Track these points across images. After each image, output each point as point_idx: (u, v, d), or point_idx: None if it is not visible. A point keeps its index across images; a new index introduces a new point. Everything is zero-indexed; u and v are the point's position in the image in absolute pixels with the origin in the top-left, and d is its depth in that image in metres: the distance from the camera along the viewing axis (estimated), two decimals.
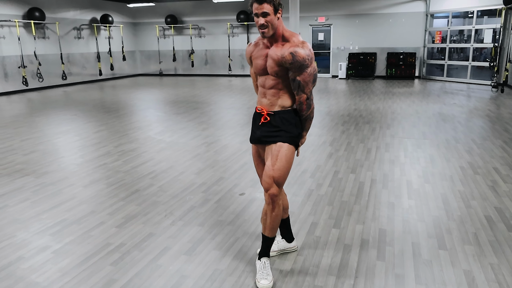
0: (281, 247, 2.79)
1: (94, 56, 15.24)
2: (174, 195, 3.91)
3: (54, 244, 2.98)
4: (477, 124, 6.75)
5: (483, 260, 2.64)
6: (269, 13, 2.17)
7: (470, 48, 12.58)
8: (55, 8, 13.47)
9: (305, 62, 2.19)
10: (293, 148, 2.40)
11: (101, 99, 10.79)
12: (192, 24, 16.70)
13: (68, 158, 5.24)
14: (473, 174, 4.31)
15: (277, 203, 2.39)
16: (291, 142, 2.37)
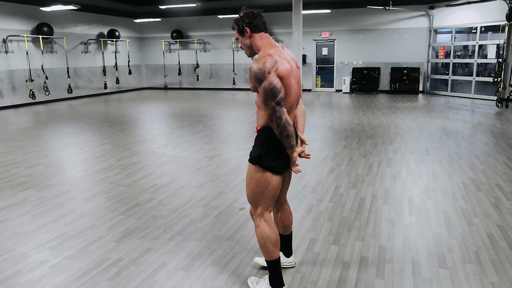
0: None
1: (100, 70, 15.42)
2: (174, 209, 3.91)
3: (52, 258, 2.98)
4: (481, 140, 6.71)
5: (484, 280, 2.60)
6: (238, 37, 2.35)
7: (474, 63, 12.59)
8: (63, 23, 13.70)
9: (257, 77, 2.14)
10: (255, 168, 2.33)
11: (106, 112, 10.88)
12: (197, 39, 16.89)
13: (71, 172, 5.27)
14: (476, 191, 4.27)
15: (255, 223, 2.41)
16: (251, 161, 2.35)
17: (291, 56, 2.33)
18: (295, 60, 2.35)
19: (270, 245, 2.37)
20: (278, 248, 2.41)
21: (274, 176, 2.33)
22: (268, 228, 2.38)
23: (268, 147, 2.28)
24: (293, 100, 2.30)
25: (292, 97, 2.27)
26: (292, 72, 2.23)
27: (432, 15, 13.64)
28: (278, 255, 2.41)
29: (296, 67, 2.31)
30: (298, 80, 2.31)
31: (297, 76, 2.30)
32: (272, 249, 2.38)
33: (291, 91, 2.23)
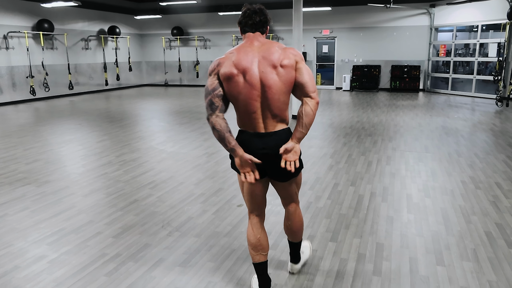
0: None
1: (100, 66, 15.40)
2: (172, 206, 3.91)
3: (50, 253, 2.98)
4: (481, 138, 6.70)
5: (482, 278, 2.61)
6: None
7: (475, 62, 12.56)
8: (64, 20, 13.68)
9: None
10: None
11: (106, 109, 10.88)
12: (197, 36, 16.86)
13: (70, 167, 5.27)
14: (475, 189, 4.27)
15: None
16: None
17: (265, 55, 2.09)
18: (271, 60, 2.08)
19: (250, 248, 2.39)
20: (259, 253, 2.36)
21: (239, 175, 2.31)
22: (249, 230, 2.39)
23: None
24: (247, 104, 2.12)
25: (242, 101, 2.13)
26: (239, 76, 2.08)
27: (433, 13, 13.60)
28: (258, 259, 2.37)
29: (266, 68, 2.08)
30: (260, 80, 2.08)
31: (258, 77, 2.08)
32: (252, 252, 2.38)
33: (238, 94, 2.11)
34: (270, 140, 2.18)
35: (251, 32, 2.23)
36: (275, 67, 2.09)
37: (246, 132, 2.24)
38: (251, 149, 2.19)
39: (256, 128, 2.20)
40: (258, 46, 2.17)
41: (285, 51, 2.14)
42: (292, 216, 2.49)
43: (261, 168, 2.23)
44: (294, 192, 2.42)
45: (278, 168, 2.20)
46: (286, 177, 2.28)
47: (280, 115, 2.18)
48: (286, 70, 2.10)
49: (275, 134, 2.19)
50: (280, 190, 2.42)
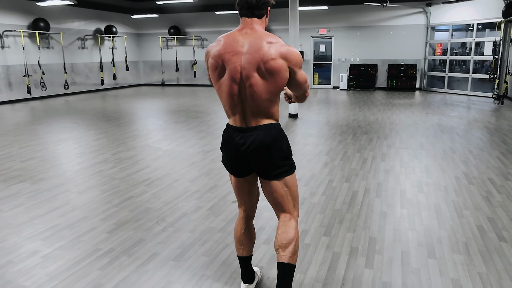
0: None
1: (97, 66, 15.39)
2: (167, 202, 3.92)
3: (44, 248, 2.99)
4: (475, 135, 6.74)
5: (472, 270, 2.63)
6: None
7: (471, 60, 12.62)
8: (60, 19, 13.66)
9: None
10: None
11: (103, 108, 10.88)
12: (194, 35, 16.87)
13: (66, 165, 5.27)
14: (468, 184, 4.29)
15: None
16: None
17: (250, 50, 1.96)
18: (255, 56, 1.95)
19: (235, 240, 2.39)
20: (242, 247, 2.34)
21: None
22: (236, 223, 2.39)
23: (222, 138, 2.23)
24: (228, 97, 2.04)
25: (224, 93, 2.06)
26: (221, 67, 2.01)
27: (429, 12, 13.65)
28: (240, 253, 2.36)
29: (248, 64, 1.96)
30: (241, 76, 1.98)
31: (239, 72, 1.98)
32: (236, 244, 2.38)
33: (220, 86, 2.07)
34: (250, 135, 2.05)
35: (247, 16, 2.06)
36: (259, 65, 1.94)
37: (229, 127, 2.16)
38: (232, 145, 2.11)
39: (238, 122, 2.09)
40: (247, 37, 2.01)
41: (277, 50, 1.95)
42: (284, 225, 2.18)
43: (245, 164, 2.14)
44: (285, 197, 2.17)
45: (260, 164, 2.10)
46: (269, 173, 2.12)
47: (264, 112, 2.05)
48: (272, 73, 1.95)
49: (256, 129, 2.06)
50: (268, 193, 2.19)
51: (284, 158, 2.13)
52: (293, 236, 2.14)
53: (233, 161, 2.17)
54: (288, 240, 2.12)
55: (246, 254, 2.37)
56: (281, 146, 2.11)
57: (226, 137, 2.17)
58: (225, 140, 2.18)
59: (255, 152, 2.07)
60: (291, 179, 2.18)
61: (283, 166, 2.13)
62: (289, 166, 2.16)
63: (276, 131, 2.10)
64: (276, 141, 2.09)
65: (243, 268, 2.41)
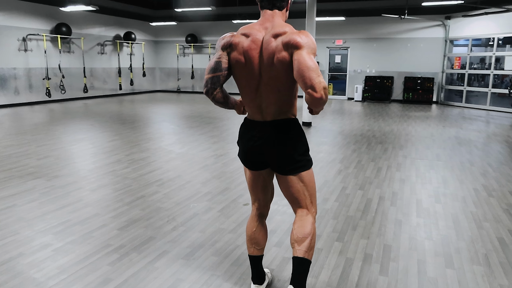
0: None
1: (115, 71, 15.62)
2: (178, 202, 3.90)
3: (55, 242, 2.99)
4: (495, 149, 6.58)
5: (493, 282, 2.52)
6: None
7: (490, 75, 12.42)
8: (81, 24, 13.95)
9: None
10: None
11: (119, 111, 10.99)
12: (211, 44, 17.02)
13: (80, 164, 5.31)
14: (487, 197, 4.17)
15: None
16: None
17: (267, 45, 1.93)
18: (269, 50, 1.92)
19: (246, 239, 2.34)
20: (253, 246, 2.30)
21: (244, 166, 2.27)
22: (248, 221, 2.35)
23: (239, 132, 2.23)
24: (247, 90, 2.04)
25: (243, 87, 2.06)
26: (243, 61, 1.98)
27: (449, 25, 13.53)
28: (251, 252, 2.32)
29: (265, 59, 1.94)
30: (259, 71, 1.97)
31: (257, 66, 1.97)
32: (247, 243, 2.34)
33: (240, 79, 2.05)
34: (267, 129, 2.05)
35: (268, 8, 2.01)
36: (272, 59, 1.92)
37: (246, 120, 2.16)
38: (248, 139, 2.10)
39: (255, 116, 2.09)
40: (267, 30, 1.98)
41: (283, 40, 1.89)
42: (300, 219, 2.13)
43: (261, 158, 2.12)
44: (301, 192, 2.12)
45: (275, 158, 2.08)
46: (285, 168, 2.09)
47: (281, 106, 2.04)
48: (283, 65, 1.91)
49: (273, 123, 2.04)
50: (284, 188, 2.17)
51: (300, 153, 2.09)
52: (309, 231, 2.09)
53: (249, 154, 2.15)
54: (304, 235, 2.08)
55: (257, 253, 2.32)
56: (298, 141, 2.08)
57: (243, 130, 2.17)
58: (241, 133, 2.18)
59: (270, 146, 2.05)
60: (308, 174, 2.14)
61: (299, 161, 2.09)
62: (306, 162, 2.12)
63: (293, 126, 2.08)
64: (292, 135, 2.06)
65: (253, 268, 2.36)
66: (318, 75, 1.77)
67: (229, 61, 2.04)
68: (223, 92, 2.10)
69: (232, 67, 2.05)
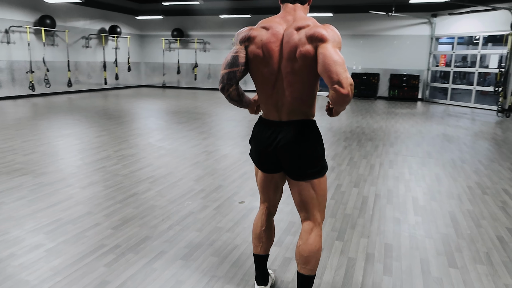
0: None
1: (100, 65, 15.28)
2: (172, 200, 3.80)
3: (47, 242, 2.86)
4: (483, 146, 6.66)
5: (497, 281, 2.52)
6: None
7: (475, 72, 12.59)
8: (66, 17, 13.58)
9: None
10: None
11: (104, 106, 10.76)
12: (197, 38, 16.82)
13: (68, 160, 5.14)
14: (482, 194, 4.20)
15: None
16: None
17: (288, 39, 1.85)
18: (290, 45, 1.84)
19: (253, 237, 2.28)
20: (260, 245, 2.23)
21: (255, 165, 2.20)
22: (256, 219, 2.28)
23: (252, 131, 2.14)
24: (264, 86, 1.96)
25: (260, 83, 1.97)
26: (263, 56, 1.89)
27: (435, 23, 13.65)
28: (257, 251, 2.25)
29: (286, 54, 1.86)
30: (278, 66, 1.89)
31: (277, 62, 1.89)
32: (254, 241, 2.27)
33: (257, 74, 1.96)
34: (282, 130, 1.95)
35: (290, 2, 1.94)
36: (293, 54, 1.84)
37: (261, 119, 2.07)
38: (262, 139, 2.01)
39: (270, 115, 2.01)
40: (289, 24, 1.89)
41: (306, 34, 1.80)
42: (306, 234, 2.04)
43: (275, 160, 2.03)
44: (311, 200, 2.02)
45: (288, 162, 1.98)
46: (297, 173, 1.99)
47: (299, 106, 1.95)
48: (304, 60, 1.81)
49: (289, 124, 1.95)
50: (294, 194, 2.07)
51: (315, 159, 1.99)
52: (316, 248, 2.02)
53: (262, 156, 2.06)
54: (309, 253, 2.02)
55: (263, 252, 2.26)
56: (313, 146, 1.98)
57: (257, 130, 2.07)
58: (255, 133, 2.09)
59: (284, 149, 1.95)
60: (320, 182, 2.03)
61: (313, 167, 1.99)
62: (320, 168, 2.01)
63: (310, 128, 1.98)
64: (308, 139, 1.96)
65: (258, 268, 2.29)
66: (345, 70, 1.70)
67: (247, 55, 1.94)
68: (238, 90, 1.99)
69: (250, 61, 1.95)
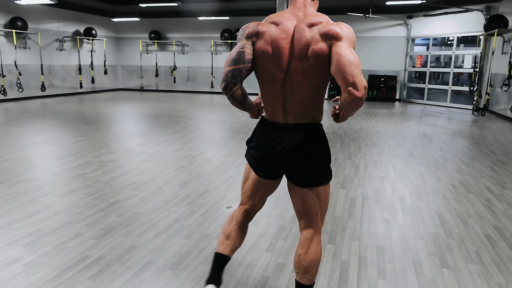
0: None
1: (75, 68, 14.89)
2: (157, 207, 3.68)
3: (26, 256, 2.70)
4: (463, 145, 6.77)
5: (490, 280, 2.51)
6: None
7: (450, 72, 12.87)
8: (38, 19, 13.16)
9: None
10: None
11: (81, 111, 10.46)
12: (175, 41, 16.61)
13: (44, 167, 4.94)
14: (466, 193, 4.23)
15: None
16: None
17: (299, 36, 1.74)
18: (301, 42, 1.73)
19: (221, 235, 2.06)
20: (227, 242, 2.01)
21: (247, 164, 2.05)
22: (230, 217, 2.09)
23: (253, 132, 2.02)
24: (270, 85, 1.84)
25: (266, 82, 1.85)
26: (271, 53, 1.77)
27: (410, 25, 13.89)
28: (222, 249, 2.00)
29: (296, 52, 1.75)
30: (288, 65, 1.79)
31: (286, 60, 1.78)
32: (221, 239, 2.04)
33: (264, 72, 1.84)
34: (288, 134, 1.83)
35: None
36: (304, 52, 1.73)
37: (265, 121, 1.94)
38: (265, 142, 1.88)
39: (276, 116, 1.88)
40: (298, 20, 1.79)
41: (320, 31, 1.71)
42: (307, 243, 1.93)
43: (277, 166, 1.91)
44: (313, 208, 1.92)
45: (293, 168, 1.86)
46: (302, 180, 1.87)
47: (307, 108, 1.83)
48: (316, 59, 1.71)
49: (296, 127, 1.83)
50: (296, 201, 1.95)
51: (322, 165, 1.89)
52: (316, 257, 1.92)
53: (263, 161, 1.93)
54: (310, 262, 1.92)
55: (228, 252, 2.00)
56: (321, 151, 1.87)
57: (260, 132, 1.94)
58: (258, 135, 1.95)
59: (291, 154, 1.84)
60: (325, 189, 1.93)
61: (319, 173, 1.88)
62: (326, 175, 1.91)
63: (317, 133, 1.87)
64: (319, 144, 1.86)
65: (215, 269, 1.99)
66: (360, 72, 1.62)
67: (254, 52, 1.82)
68: (242, 89, 1.86)
69: (256, 59, 1.82)
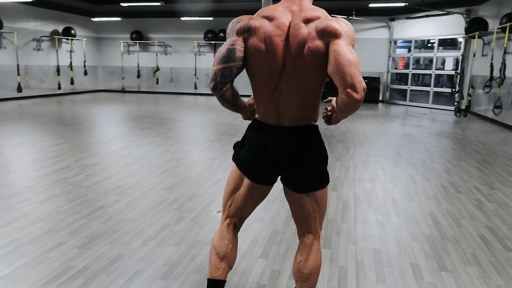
0: None
1: (53, 69, 14.48)
2: (144, 212, 3.53)
3: (3, 268, 2.52)
4: (448, 145, 6.81)
5: (489, 283, 2.46)
6: None
7: (432, 74, 13.03)
8: (14, 18, 12.74)
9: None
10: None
11: (60, 113, 10.15)
12: (158, 41, 16.36)
13: (22, 172, 4.71)
14: (456, 193, 4.21)
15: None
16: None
17: (294, 32, 1.62)
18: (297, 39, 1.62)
19: (214, 258, 1.87)
20: (223, 266, 1.86)
21: (235, 167, 1.90)
22: (219, 236, 1.91)
23: (244, 135, 1.91)
24: (263, 84, 1.72)
25: (259, 82, 1.74)
26: (264, 50, 1.66)
27: (393, 27, 14.02)
28: (218, 275, 1.84)
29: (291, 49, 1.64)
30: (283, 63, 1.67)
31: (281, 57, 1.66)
32: (215, 262, 1.86)
33: (257, 70, 1.72)
34: (284, 137, 1.74)
35: None
36: (300, 49, 1.62)
37: (257, 122, 1.81)
38: (259, 146, 1.77)
39: (269, 118, 1.77)
40: (293, 14, 1.67)
41: (316, 27, 1.59)
42: (307, 250, 1.85)
43: (271, 170, 1.80)
44: (311, 214, 1.82)
45: (290, 173, 1.77)
46: (299, 185, 1.78)
47: (304, 110, 1.74)
48: (312, 57, 1.61)
49: (292, 130, 1.73)
50: (294, 207, 1.86)
51: (319, 168, 1.80)
52: (316, 264, 1.84)
53: (256, 165, 1.81)
54: (311, 269, 1.83)
55: (224, 277, 1.86)
56: (321, 154, 1.79)
57: (253, 135, 1.82)
58: (250, 138, 1.83)
59: (287, 158, 1.74)
60: (323, 193, 1.84)
61: (317, 177, 1.79)
62: (323, 179, 1.82)
63: (314, 135, 1.78)
64: (316, 146, 1.77)
65: None
66: (360, 72, 1.52)
67: (246, 49, 1.69)
68: (233, 89, 1.72)
69: (249, 57, 1.70)
